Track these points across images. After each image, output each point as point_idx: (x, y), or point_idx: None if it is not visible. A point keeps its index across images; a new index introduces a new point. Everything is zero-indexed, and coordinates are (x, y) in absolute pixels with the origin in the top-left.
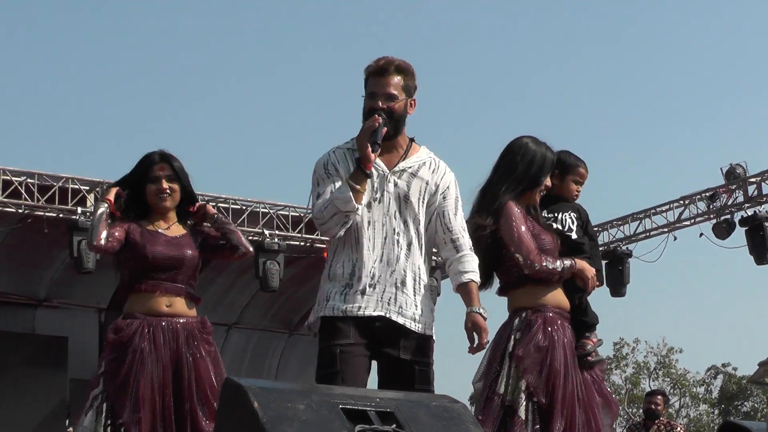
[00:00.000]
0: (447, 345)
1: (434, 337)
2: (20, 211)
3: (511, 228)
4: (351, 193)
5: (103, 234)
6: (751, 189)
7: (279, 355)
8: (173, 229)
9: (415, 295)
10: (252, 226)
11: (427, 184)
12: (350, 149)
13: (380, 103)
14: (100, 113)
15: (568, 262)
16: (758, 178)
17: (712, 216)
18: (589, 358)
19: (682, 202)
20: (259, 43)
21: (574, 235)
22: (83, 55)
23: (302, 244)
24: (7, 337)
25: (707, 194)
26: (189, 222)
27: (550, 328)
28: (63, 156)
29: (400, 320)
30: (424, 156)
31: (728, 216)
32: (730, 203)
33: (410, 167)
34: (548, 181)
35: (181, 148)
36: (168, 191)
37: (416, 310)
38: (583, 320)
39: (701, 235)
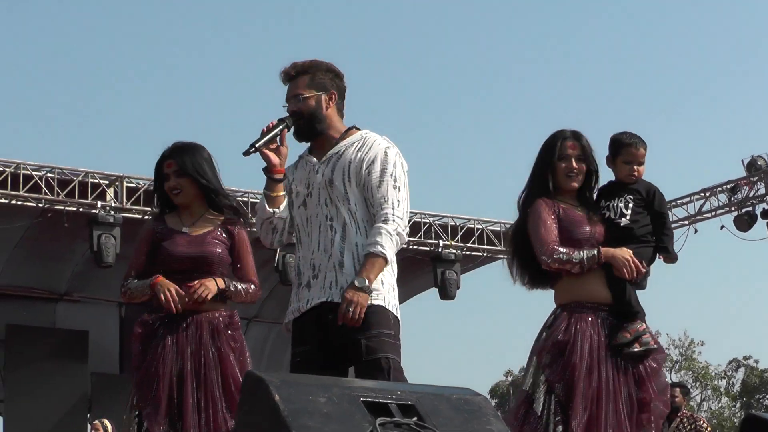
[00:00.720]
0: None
1: (390, 307)
2: (40, 205)
3: (532, 225)
4: (265, 201)
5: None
6: None
7: None
8: (198, 224)
9: (355, 272)
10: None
11: (350, 162)
12: (301, 156)
13: (290, 107)
14: (119, 107)
15: (589, 252)
16: None
17: (733, 208)
18: (633, 349)
19: (703, 194)
20: (286, 35)
21: (624, 221)
22: (102, 50)
23: None
24: (28, 332)
25: (728, 186)
26: (222, 216)
27: (576, 324)
28: (83, 150)
29: (339, 299)
30: (356, 138)
31: (749, 208)
32: (751, 195)
33: (337, 152)
34: (572, 163)
35: (202, 141)
36: (177, 188)
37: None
38: (622, 310)
39: (722, 227)
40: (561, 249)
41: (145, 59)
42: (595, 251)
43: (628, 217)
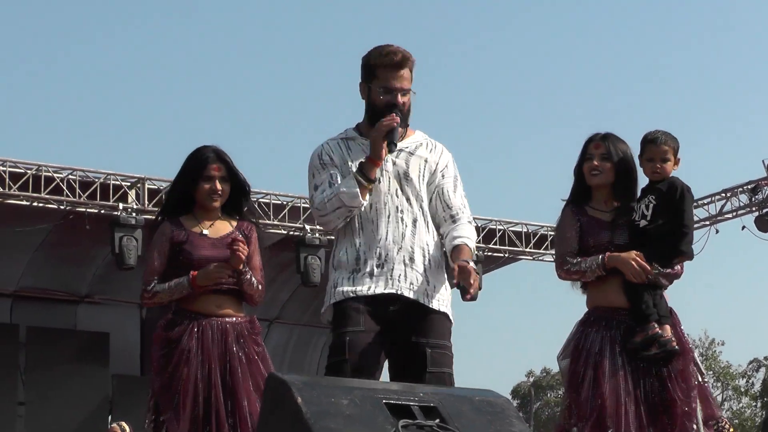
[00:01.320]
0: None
1: (451, 317)
2: (62, 207)
3: (555, 235)
4: (358, 189)
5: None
6: None
7: (320, 350)
8: (217, 226)
9: (425, 272)
10: (293, 221)
11: (426, 161)
12: (344, 139)
13: (399, 99)
14: (141, 109)
15: (594, 260)
16: None
17: (754, 209)
18: (650, 352)
19: (723, 195)
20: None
21: (643, 223)
22: (125, 52)
23: None
24: (49, 334)
25: (749, 187)
26: (236, 219)
27: (590, 328)
28: (104, 151)
29: (412, 296)
30: (420, 137)
31: None
32: None
33: (407, 147)
34: (593, 162)
35: (221, 143)
36: (220, 193)
37: (428, 285)
38: (635, 314)
39: (743, 227)
40: (570, 260)
41: (168, 62)
42: (600, 258)
43: (648, 218)
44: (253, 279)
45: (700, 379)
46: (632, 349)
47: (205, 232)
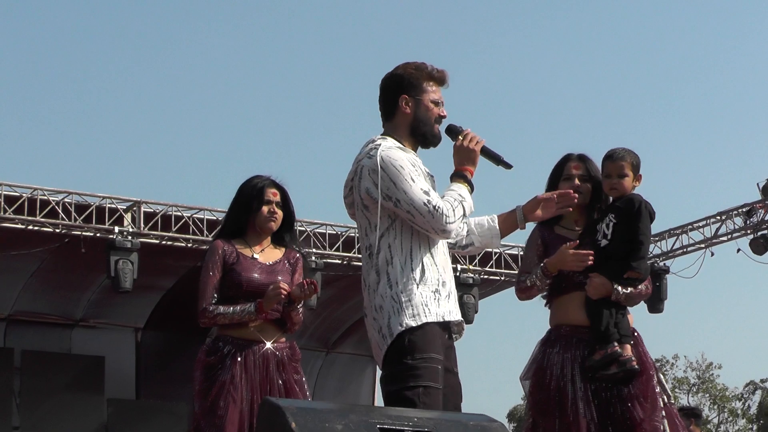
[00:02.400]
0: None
1: None
2: (57, 231)
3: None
4: (499, 231)
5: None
6: None
7: (316, 374)
8: (267, 253)
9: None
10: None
11: None
12: (403, 150)
13: (444, 114)
14: (137, 132)
15: (534, 272)
16: None
17: (749, 231)
18: (610, 371)
19: (719, 217)
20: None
21: (604, 242)
22: (120, 75)
23: (340, 262)
24: (44, 358)
25: (744, 210)
26: (284, 246)
27: (550, 348)
28: (100, 175)
29: (463, 322)
30: None
31: (765, 231)
32: (766, 218)
33: (431, 172)
34: (574, 182)
35: (218, 166)
36: (277, 216)
37: None
38: (596, 333)
39: (738, 250)
40: (521, 277)
41: (164, 85)
42: (539, 267)
43: (608, 238)
44: (301, 309)
45: (666, 401)
46: (590, 367)
47: (255, 256)
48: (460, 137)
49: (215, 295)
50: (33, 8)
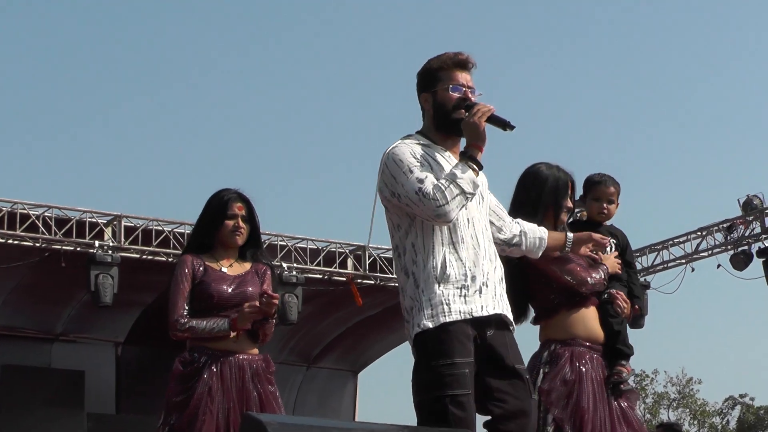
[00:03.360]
0: None
1: None
2: (38, 245)
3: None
4: (475, 177)
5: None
6: None
7: (297, 389)
8: (235, 267)
9: (507, 294)
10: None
11: (486, 182)
12: (419, 144)
13: (471, 98)
14: (117, 146)
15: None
16: None
17: (729, 247)
18: (623, 385)
19: (699, 233)
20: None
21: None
22: (98, 89)
23: (321, 277)
24: (23, 371)
25: (724, 225)
26: (252, 261)
27: (578, 363)
28: (80, 189)
29: (510, 317)
30: None
31: (745, 247)
32: (747, 234)
33: None
34: (568, 203)
35: (199, 181)
36: (242, 230)
37: (510, 309)
38: (618, 348)
39: (719, 266)
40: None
41: (145, 99)
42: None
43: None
44: (272, 321)
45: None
46: (618, 382)
47: (224, 269)
48: (465, 113)
49: (186, 307)
50: (7, 25)
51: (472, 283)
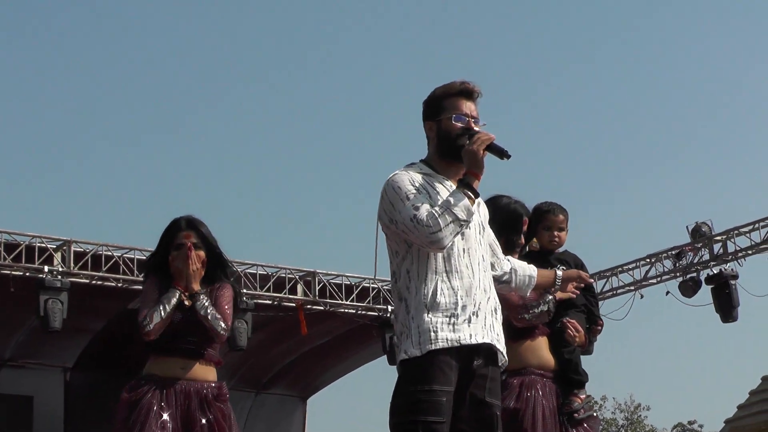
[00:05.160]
0: None
1: None
2: None
3: None
4: (470, 204)
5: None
6: (717, 247)
7: (246, 415)
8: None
9: (501, 326)
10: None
11: (486, 213)
12: (421, 173)
13: (474, 126)
14: (67, 171)
15: (544, 300)
16: (723, 237)
17: (678, 274)
18: (576, 415)
19: (648, 260)
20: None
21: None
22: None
23: (271, 302)
24: None
25: (673, 252)
26: (207, 286)
27: (527, 391)
28: (29, 214)
29: (501, 349)
30: None
31: (694, 274)
32: (695, 261)
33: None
34: (520, 239)
35: (148, 206)
36: (196, 256)
37: (503, 342)
38: (569, 377)
39: (667, 293)
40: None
41: (93, 123)
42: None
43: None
44: (210, 310)
45: None
46: (571, 411)
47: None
48: (466, 140)
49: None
50: None
51: (462, 312)
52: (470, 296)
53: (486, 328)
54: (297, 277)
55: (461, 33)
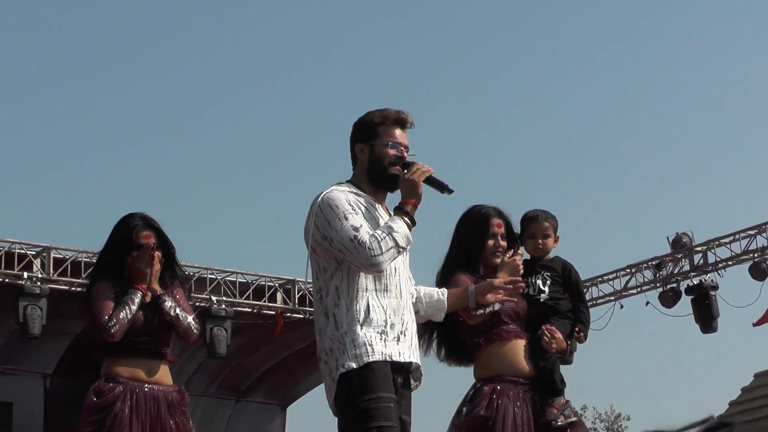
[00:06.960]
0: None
1: None
2: None
3: None
4: (408, 231)
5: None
6: (697, 258)
7: (226, 422)
8: (150, 296)
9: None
10: (199, 293)
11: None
12: (352, 192)
13: (406, 156)
14: (47, 177)
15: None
16: (704, 247)
17: (658, 284)
18: (556, 423)
19: (628, 270)
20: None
21: (543, 297)
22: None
23: (250, 310)
24: None
25: (653, 263)
26: (166, 286)
27: (499, 399)
28: (8, 220)
29: (421, 369)
30: None
31: (674, 285)
32: (676, 272)
33: None
34: (498, 241)
35: (124, 212)
36: (157, 258)
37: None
38: (548, 385)
39: (647, 303)
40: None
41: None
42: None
43: (546, 293)
44: (178, 311)
45: None
46: (547, 421)
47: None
48: (404, 171)
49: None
50: None
51: (390, 330)
52: (398, 315)
53: (412, 348)
54: (277, 285)
55: (461, 33)
